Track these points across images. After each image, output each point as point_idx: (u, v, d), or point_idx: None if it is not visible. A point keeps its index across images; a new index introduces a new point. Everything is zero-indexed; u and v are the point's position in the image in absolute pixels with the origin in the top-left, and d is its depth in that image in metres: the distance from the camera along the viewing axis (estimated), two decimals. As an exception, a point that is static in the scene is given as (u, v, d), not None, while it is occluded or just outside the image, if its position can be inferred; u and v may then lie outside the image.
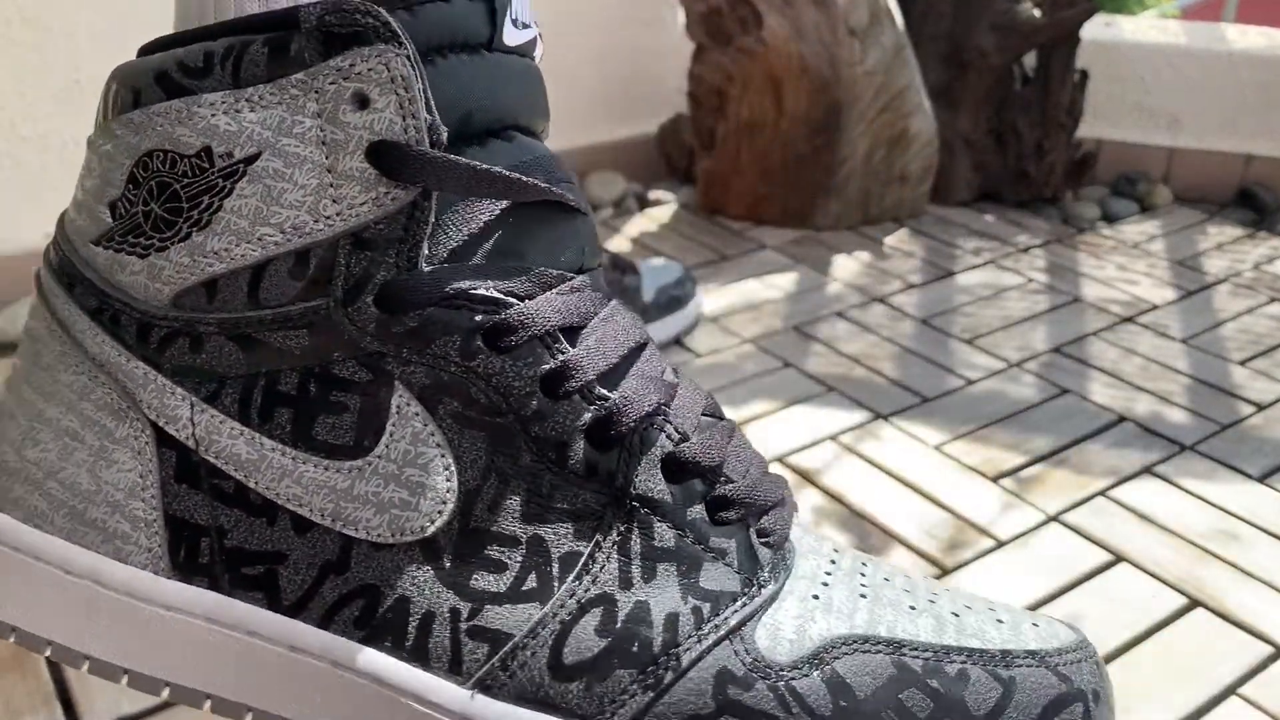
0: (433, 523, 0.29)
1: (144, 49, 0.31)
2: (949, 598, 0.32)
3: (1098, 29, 1.50)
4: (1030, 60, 1.40)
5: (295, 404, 0.29)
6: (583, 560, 0.30)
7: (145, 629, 0.30)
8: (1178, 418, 0.96)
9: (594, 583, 0.29)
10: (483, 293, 0.29)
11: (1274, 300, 1.20)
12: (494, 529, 0.29)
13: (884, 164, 1.35)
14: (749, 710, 0.28)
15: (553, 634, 0.29)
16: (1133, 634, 0.69)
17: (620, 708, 0.29)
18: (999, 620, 0.32)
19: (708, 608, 0.29)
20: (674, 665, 0.29)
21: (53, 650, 0.31)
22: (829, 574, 0.32)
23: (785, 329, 1.09)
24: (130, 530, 0.30)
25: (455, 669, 0.29)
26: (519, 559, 0.29)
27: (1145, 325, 1.13)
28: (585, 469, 0.30)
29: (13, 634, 0.32)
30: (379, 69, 0.27)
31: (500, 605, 0.29)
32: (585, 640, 0.29)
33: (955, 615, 0.31)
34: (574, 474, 0.30)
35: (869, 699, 0.29)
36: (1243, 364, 1.06)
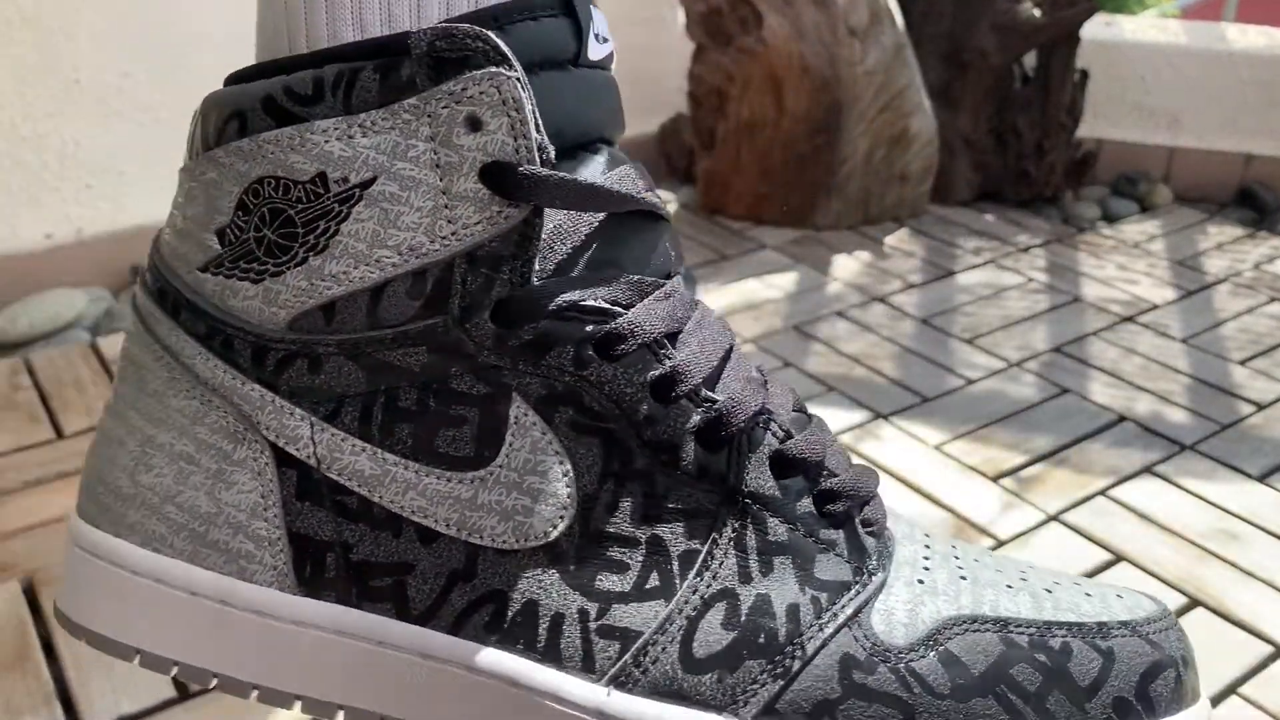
0: (555, 528, 0.30)
1: (232, 78, 0.31)
2: (1036, 575, 0.34)
3: (1098, 29, 1.50)
4: (1030, 60, 1.40)
5: (415, 419, 0.30)
6: (702, 557, 0.30)
7: (274, 645, 0.31)
8: (1178, 417, 0.96)
9: (715, 578, 0.30)
10: (591, 303, 0.30)
11: (1274, 300, 1.20)
12: (614, 531, 0.30)
13: (884, 163, 1.35)
14: (874, 692, 0.30)
15: (681, 629, 0.30)
16: (1133, 633, 0.69)
17: (752, 697, 0.30)
18: (1087, 594, 0.33)
19: (825, 597, 0.31)
20: (800, 654, 0.30)
21: (179, 670, 0.32)
22: (927, 559, 0.33)
23: (785, 328, 1.09)
24: (254, 549, 0.31)
25: (588, 667, 0.30)
26: (640, 559, 0.30)
27: (1145, 325, 1.13)
28: (697, 470, 0.31)
29: (136, 656, 0.32)
30: (490, 92, 0.28)
31: (626, 604, 0.30)
32: (713, 634, 0.30)
33: (1048, 591, 0.33)
34: (686, 475, 0.30)
35: (983, 676, 0.30)
36: (1243, 364, 1.06)
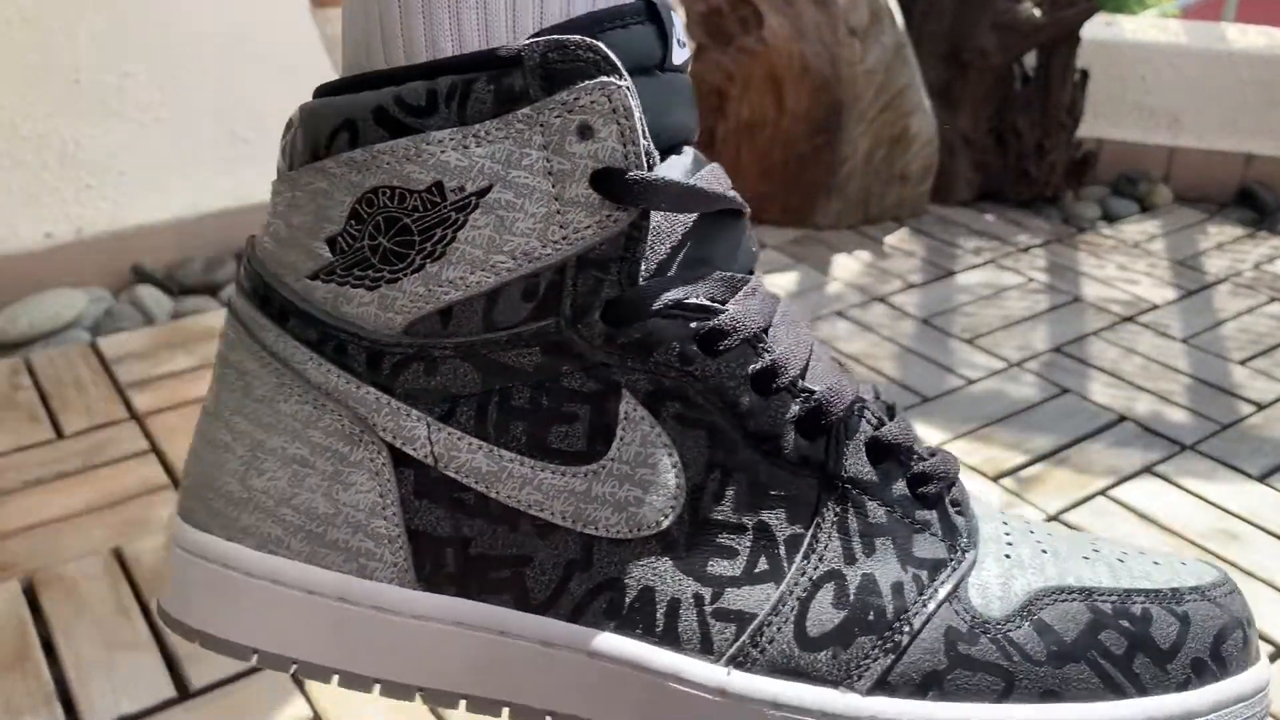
0: (666, 517, 0.32)
1: (324, 89, 0.32)
2: (1105, 546, 0.36)
3: (1098, 28, 1.50)
4: (1030, 60, 1.40)
5: (529, 416, 0.31)
6: (807, 541, 0.32)
7: (395, 639, 0.32)
8: (1178, 417, 0.96)
9: (821, 561, 0.32)
10: (694, 301, 0.31)
11: (1274, 300, 1.20)
12: (721, 518, 0.32)
13: (884, 163, 1.35)
14: (978, 662, 0.32)
15: (793, 610, 0.32)
16: (1133, 634, 0.69)
17: (865, 671, 0.32)
18: (1155, 563, 0.35)
19: (925, 575, 0.33)
20: (907, 629, 0.32)
21: (299, 668, 0.33)
22: (1008, 535, 0.35)
23: (785, 329, 1.09)
24: (375, 547, 0.32)
25: (707, 649, 0.32)
26: (748, 544, 0.32)
27: (1145, 325, 1.13)
28: (798, 458, 0.32)
29: (254, 655, 0.33)
30: (601, 101, 0.29)
31: (739, 588, 0.32)
32: (824, 613, 0.32)
33: (1120, 561, 0.35)
34: (788, 463, 0.32)
35: (1075, 643, 0.32)
36: (1243, 364, 1.06)
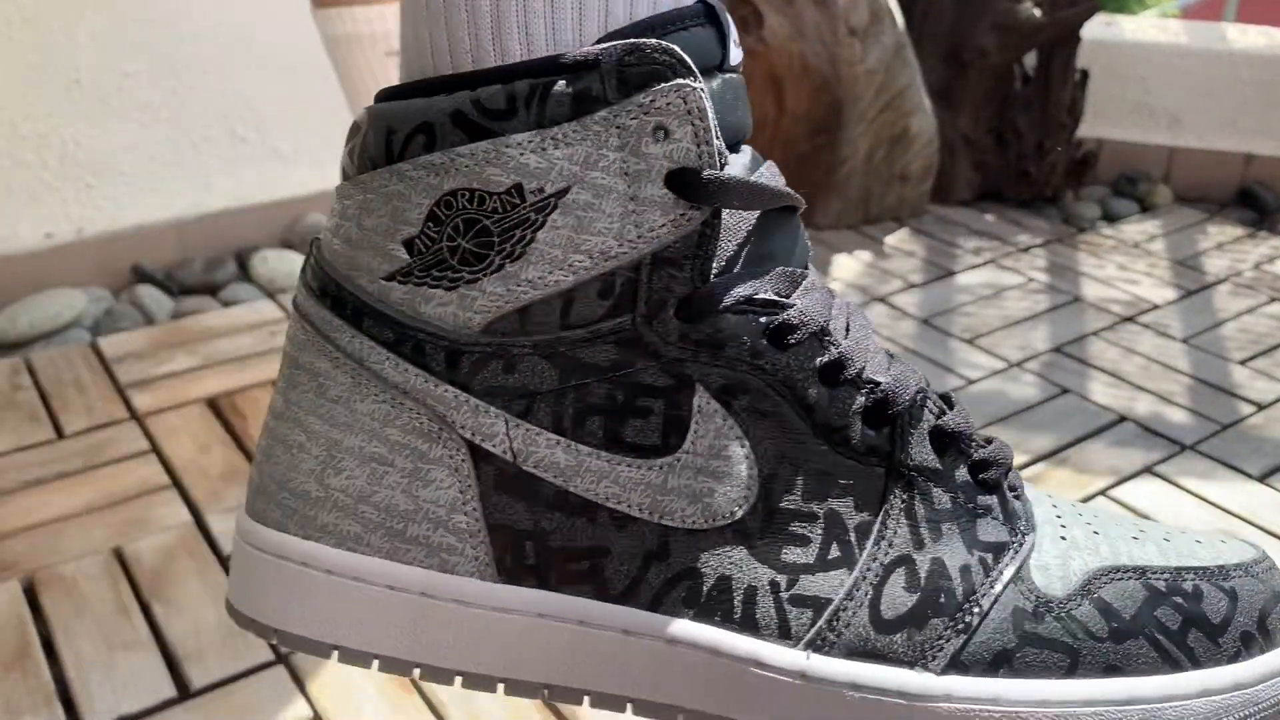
0: (740, 507, 0.33)
1: (387, 94, 0.33)
2: (1149, 526, 0.38)
3: (1098, 29, 1.50)
4: (1030, 60, 1.40)
5: (605, 412, 0.32)
6: (877, 527, 0.33)
7: (477, 632, 0.33)
8: (1178, 417, 0.96)
9: (891, 546, 0.33)
10: (763, 296, 0.32)
11: (1274, 300, 1.20)
12: (792, 507, 0.33)
13: (885, 163, 1.35)
14: (1044, 639, 0.33)
15: (867, 595, 0.33)
16: (1133, 634, 0.69)
17: (939, 651, 0.33)
18: (1197, 541, 0.36)
19: (990, 558, 0.34)
20: (977, 610, 0.33)
21: (380, 663, 0.33)
22: (1059, 517, 0.36)
23: (785, 329, 1.09)
24: (456, 542, 0.33)
25: (785, 634, 0.33)
26: (820, 532, 0.33)
27: (1145, 325, 1.13)
28: (865, 448, 0.33)
29: (334, 652, 0.34)
30: (677, 102, 0.30)
31: (813, 574, 0.33)
32: (897, 596, 0.33)
33: (1166, 540, 0.36)
34: (855, 452, 0.33)
35: (1133, 619, 0.34)
36: (1243, 364, 1.06)
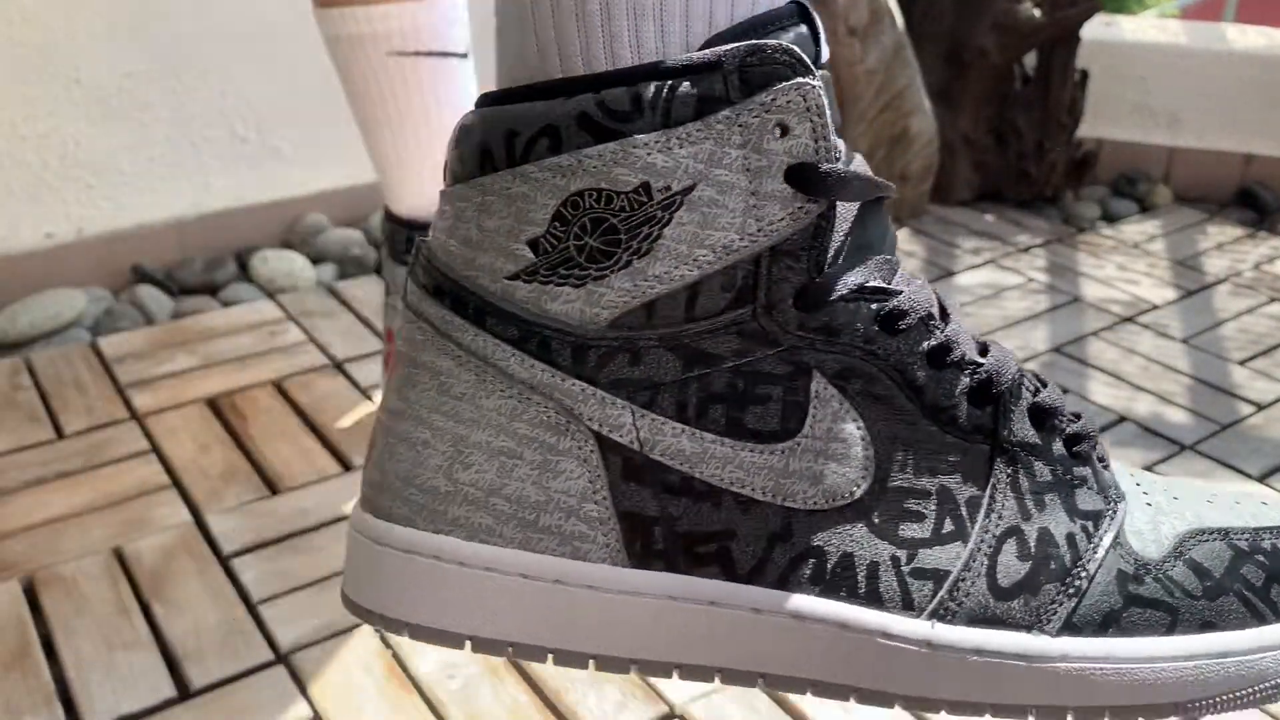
0: (859, 487, 0.34)
1: (488, 98, 0.34)
2: (1217, 492, 0.39)
3: (1098, 29, 1.50)
4: (1030, 60, 1.40)
5: (727, 400, 0.33)
6: (986, 501, 0.35)
7: (609, 616, 0.34)
8: (1178, 417, 0.96)
9: (1000, 518, 0.35)
10: (874, 284, 0.34)
11: (1274, 300, 1.20)
12: (906, 485, 0.35)
13: (885, 163, 1.35)
14: (1147, 600, 0.35)
15: (983, 565, 0.35)
16: (1133, 634, 0.69)
17: (1053, 615, 0.35)
18: (1264, 504, 0.39)
19: (1090, 525, 0.36)
20: (1085, 574, 0.35)
21: (514, 650, 0.35)
22: (1139, 485, 0.38)
23: (785, 329, 1.09)
24: (588, 530, 0.34)
25: (908, 606, 0.35)
26: (933, 508, 0.35)
27: (1145, 325, 1.13)
28: (970, 426, 0.35)
29: (467, 642, 0.35)
30: (797, 100, 0.31)
31: (930, 548, 0.35)
32: (1012, 565, 0.35)
33: (1237, 504, 0.38)
34: (962, 431, 0.35)
35: (1223, 577, 0.36)
36: (1243, 364, 1.06)
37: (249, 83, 1.21)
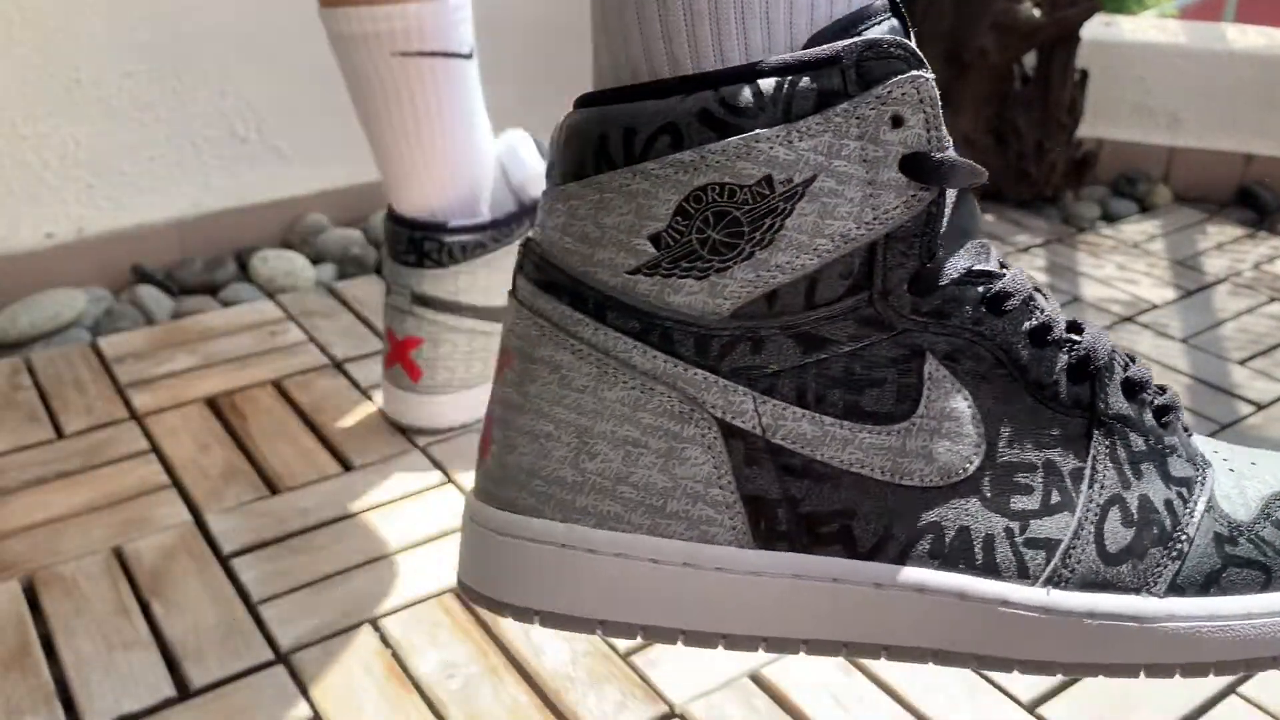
0: (971, 463, 0.36)
1: (586, 100, 0.35)
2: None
3: (1098, 29, 1.50)
4: (1030, 60, 1.40)
5: (845, 384, 0.35)
6: (1088, 472, 0.37)
7: (737, 597, 0.36)
8: (1178, 417, 0.96)
9: (1103, 488, 0.37)
10: (980, 267, 0.35)
11: (1274, 300, 1.20)
12: (1015, 460, 0.36)
13: (884, 164, 1.35)
14: (1243, 559, 0.37)
15: (1091, 533, 0.37)
16: (1133, 633, 0.69)
17: (1159, 577, 0.37)
18: None
19: (1184, 491, 0.38)
20: (1185, 538, 0.37)
21: (645, 633, 0.36)
22: (1217, 452, 0.40)
23: (785, 329, 1.09)
24: (714, 514, 0.35)
25: (1023, 575, 0.36)
26: (1040, 480, 0.36)
27: (1145, 325, 1.14)
28: (1071, 400, 0.37)
29: (599, 627, 0.36)
30: (911, 92, 0.33)
31: (1040, 519, 0.36)
32: (1117, 532, 0.37)
33: None
34: (1063, 405, 0.37)
35: None
36: (1242, 364, 1.06)
37: (249, 83, 1.21)
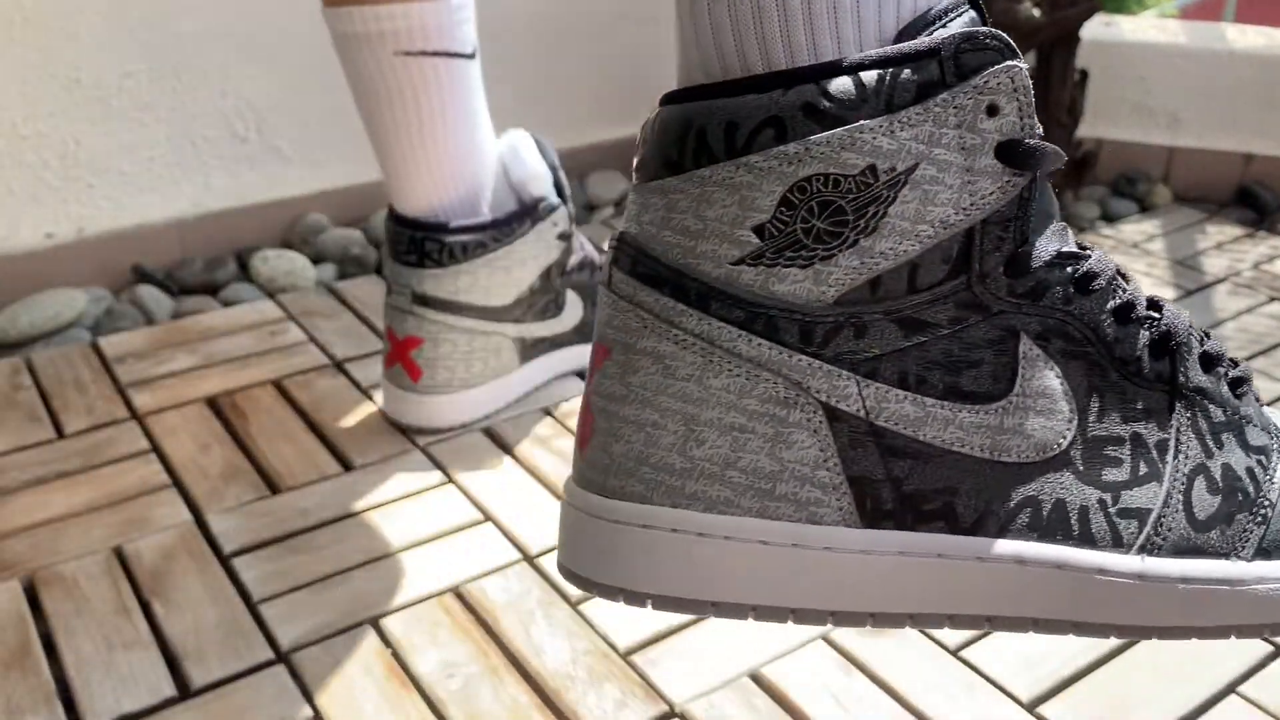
0: (1065, 438, 0.37)
1: (673, 97, 0.36)
2: None
3: (1098, 29, 1.50)
4: (1030, 60, 1.40)
5: (944, 365, 0.36)
6: (1173, 444, 0.39)
7: (844, 575, 0.37)
8: (1177, 417, 0.96)
9: (1187, 458, 0.39)
10: (1068, 249, 0.37)
11: (1274, 300, 1.20)
12: (1104, 434, 0.38)
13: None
14: None
15: (1180, 501, 0.38)
16: (1132, 633, 0.69)
17: (1245, 542, 0.39)
18: None
19: (1263, 459, 0.40)
20: (1267, 503, 0.39)
21: (755, 613, 0.37)
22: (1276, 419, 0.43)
23: (785, 328, 1.09)
24: (822, 495, 0.36)
25: (1118, 544, 0.38)
26: (1128, 453, 0.38)
27: (1145, 325, 1.13)
28: (1153, 375, 0.38)
29: (712, 608, 0.36)
30: (1005, 82, 0.34)
31: (1131, 490, 0.38)
32: (1204, 500, 0.39)
33: None
34: (1146, 380, 0.38)
35: None
36: (1242, 363, 1.06)
37: (249, 83, 1.21)
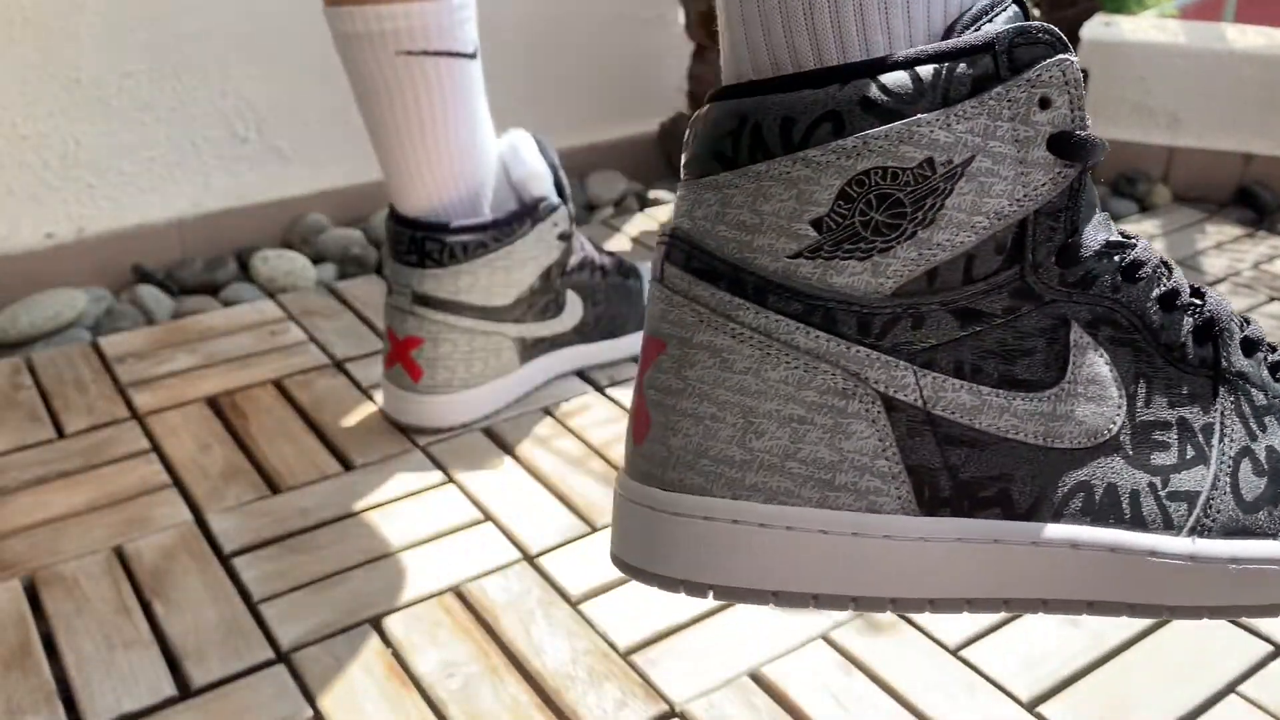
0: (1115, 424, 0.38)
1: (721, 93, 0.36)
2: None
3: (1098, 29, 1.50)
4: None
5: (999, 354, 0.36)
6: (1218, 427, 0.39)
7: (904, 562, 0.37)
8: (1177, 417, 0.96)
9: (1232, 441, 0.39)
10: (1116, 239, 0.38)
11: (1273, 299, 1.20)
12: (1152, 419, 0.38)
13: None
14: None
15: (1227, 484, 0.39)
16: (1132, 632, 0.69)
17: None
18: None
19: None
20: None
21: (817, 601, 0.37)
22: None
23: (785, 328, 1.09)
24: (881, 485, 0.37)
25: (1169, 526, 0.38)
26: (1175, 437, 0.39)
27: (1145, 324, 1.13)
28: (1198, 360, 0.39)
29: (772, 598, 0.37)
30: (1057, 75, 0.34)
31: (1179, 473, 0.39)
32: (1251, 481, 0.39)
33: None
34: (1190, 366, 0.39)
35: None
36: (1242, 363, 1.06)
37: (249, 83, 1.21)
